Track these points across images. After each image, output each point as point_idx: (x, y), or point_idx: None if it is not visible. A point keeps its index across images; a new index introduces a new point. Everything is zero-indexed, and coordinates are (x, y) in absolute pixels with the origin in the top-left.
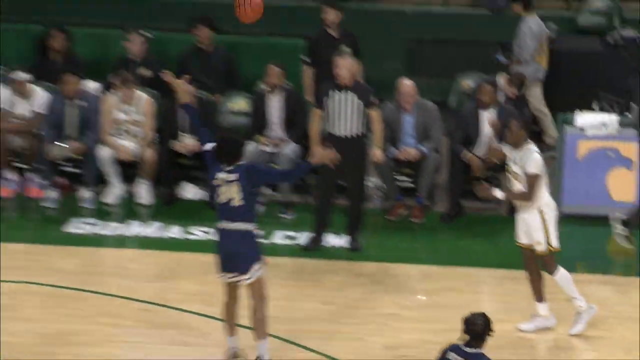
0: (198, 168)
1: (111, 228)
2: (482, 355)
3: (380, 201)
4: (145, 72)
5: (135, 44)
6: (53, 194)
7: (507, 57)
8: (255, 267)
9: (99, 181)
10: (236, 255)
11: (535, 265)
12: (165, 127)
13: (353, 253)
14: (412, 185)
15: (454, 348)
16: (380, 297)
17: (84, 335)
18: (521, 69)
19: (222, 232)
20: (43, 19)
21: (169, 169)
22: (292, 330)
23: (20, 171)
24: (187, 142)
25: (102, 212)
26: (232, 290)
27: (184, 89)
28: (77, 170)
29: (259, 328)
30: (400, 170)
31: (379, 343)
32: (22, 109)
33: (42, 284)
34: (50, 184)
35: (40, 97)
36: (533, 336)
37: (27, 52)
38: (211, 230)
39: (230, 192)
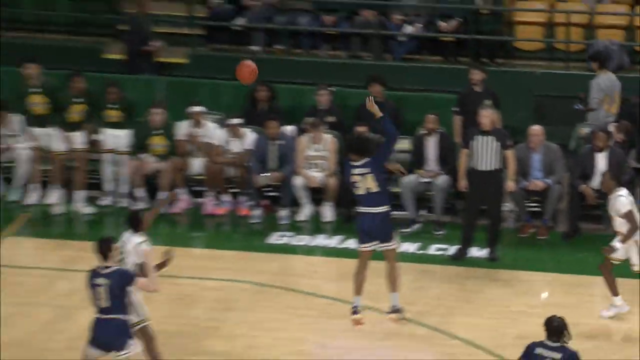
0: None
1: (302, 240)
2: (565, 347)
3: (513, 222)
4: (330, 119)
5: (323, 97)
6: (258, 212)
7: (584, 106)
8: (395, 237)
9: (294, 203)
10: (380, 230)
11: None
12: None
13: (491, 262)
14: (539, 209)
15: (540, 343)
16: (512, 298)
17: (280, 322)
18: (593, 115)
19: (367, 215)
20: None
21: (348, 194)
22: (440, 322)
23: (233, 195)
24: None
25: (296, 227)
26: (365, 259)
27: None
28: (276, 194)
29: (393, 283)
30: (529, 198)
31: (511, 334)
32: (235, 146)
33: (249, 282)
34: (256, 204)
35: (249, 137)
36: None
37: (240, 102)
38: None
39: (367, 183)
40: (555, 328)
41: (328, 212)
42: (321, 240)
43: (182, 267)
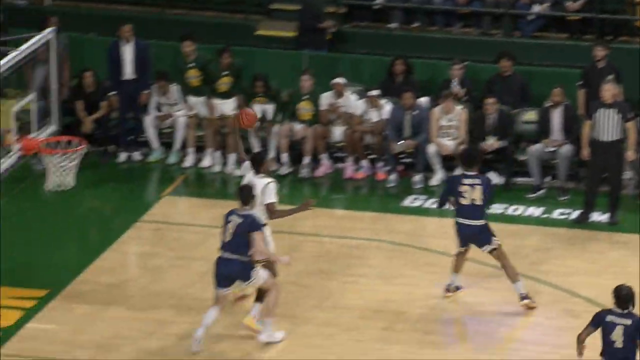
0: (499, 161)
1: (434, 203)
2: (632, 314)
3: (632, 188)
4: (461, 91)
5: (456, 71)
6: (394, 177)
7: None
8: (494, 239)
9: (427, 169)
10: (477, 239)
11: None
12: (475, 131)
13: (611, 226)
14: None
15: (609, 311)
16: (631, 260)
17: (414, 279)
18: None
19: (465, 226)
20: (391, 52)
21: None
22: (563, 282)
23: (371, 161)
24: (491, 142)
25: (429, 191)
26: (463, 257)
27: None
28: (411, 160)
29: (510, 276)
30: None
31: None
32: (373, 116)
33: (385, 241)
34: (392, 170)
35: (386, 108)
36: None
37: (378, 75)
38: (508, 205)
39: (474, 194)
40: (625, 296)
41: None
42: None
43: (324, 226)
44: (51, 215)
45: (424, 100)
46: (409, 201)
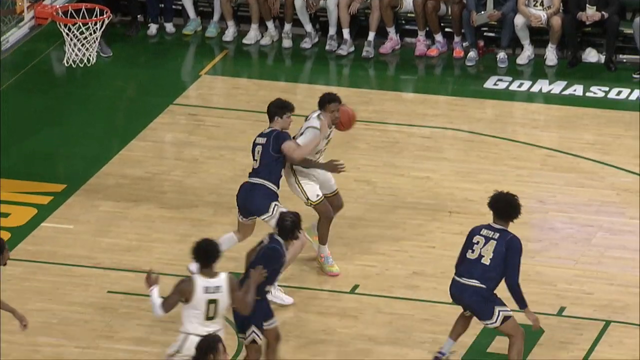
0: (599, 35)
1: (522, 85)
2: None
3: None
4: None
5: None
6: (474, 54)
7: None
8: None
9: (513, 44)
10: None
11: None
12: None
13: None
14: None
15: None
16: None
17: (495, 174)
18: None
19: (454, 283)
20: None
21: (574, 35)
22: None
23: (447, 35)
24: (591, 13)
25: (515, 71)
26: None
27: None
28: (494, 34)
29: None
30: None
31: None
32: None
33: (462, 130)
34: (472, 45)
35: None
36: None
37: None
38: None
39: (485, 250)
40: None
41: (551, 55)
42: (543, 85)
43: (390, 112)
44: (70, 98)
45: None
46: (491, 82)
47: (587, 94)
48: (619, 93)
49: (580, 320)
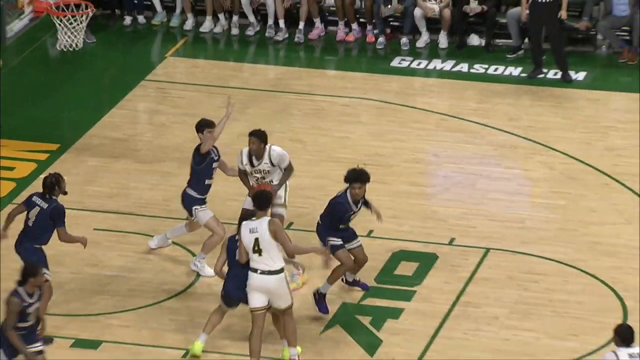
0: (480, 24)
1: (420, 64)
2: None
3: (606, 49)
4: None
5: None
6: (382, 39)
7: None
8: None
9: (413, 31)
10: None
11: None
12: None
13: (573, 83)
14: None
15: None
16: (604, 114)
17: (400, 134)
18: None
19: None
20: None
21: (461, 24)
22: (541, 136)
23: (361, 24)
24: (474, 6)
25: (415, 53)
26: None
27: None
28: (398, 24)
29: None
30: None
31: (601, 146)
32: None
33: (374, 100)
34: (380, 32)
35: None
36: None
37: None
38: (489, 66)
39: None
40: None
41: (443, 40)
42: (437, 64)
43: (317, 85)
44: (62, 75)
45: None
46: (396, 62)
47: (471, 70)
48: (496, 69)
49: (467, 248)
